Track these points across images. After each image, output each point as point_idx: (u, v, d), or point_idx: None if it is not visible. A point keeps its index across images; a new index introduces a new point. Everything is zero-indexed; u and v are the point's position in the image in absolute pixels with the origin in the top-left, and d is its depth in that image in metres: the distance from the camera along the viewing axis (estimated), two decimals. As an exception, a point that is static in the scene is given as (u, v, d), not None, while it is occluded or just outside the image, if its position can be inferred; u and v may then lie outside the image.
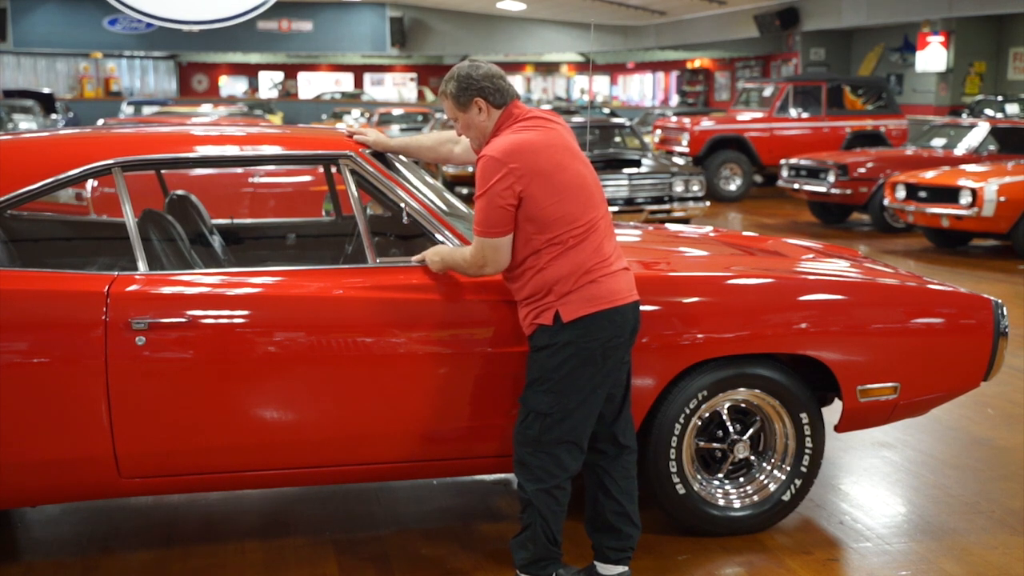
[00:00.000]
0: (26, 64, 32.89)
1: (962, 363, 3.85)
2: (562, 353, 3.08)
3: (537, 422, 3.13)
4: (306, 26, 32.27)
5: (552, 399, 3.11)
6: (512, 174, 3.03)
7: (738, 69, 28.68)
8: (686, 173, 11.04)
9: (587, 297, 3.07)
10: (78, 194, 6.80)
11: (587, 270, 3.08)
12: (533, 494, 3.15)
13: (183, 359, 3.22)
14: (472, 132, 3.23)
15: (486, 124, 3.19)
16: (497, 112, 3.18)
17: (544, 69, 38.98)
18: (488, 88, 3.16)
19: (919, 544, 3.73)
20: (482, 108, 3.17)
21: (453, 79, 3.18)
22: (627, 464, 3.30)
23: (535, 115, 3.20)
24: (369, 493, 4.15)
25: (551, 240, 3.07)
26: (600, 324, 3.08)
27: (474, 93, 3.15)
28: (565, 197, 3.08)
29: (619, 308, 3.11)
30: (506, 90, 3.19)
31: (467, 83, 3.15)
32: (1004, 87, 19.89)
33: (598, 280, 3.09)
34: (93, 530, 3.83)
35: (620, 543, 3.28)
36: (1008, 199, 9.61)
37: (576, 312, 3.07)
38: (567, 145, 3.17)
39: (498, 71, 3.21)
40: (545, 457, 3.13)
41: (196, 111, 17.52)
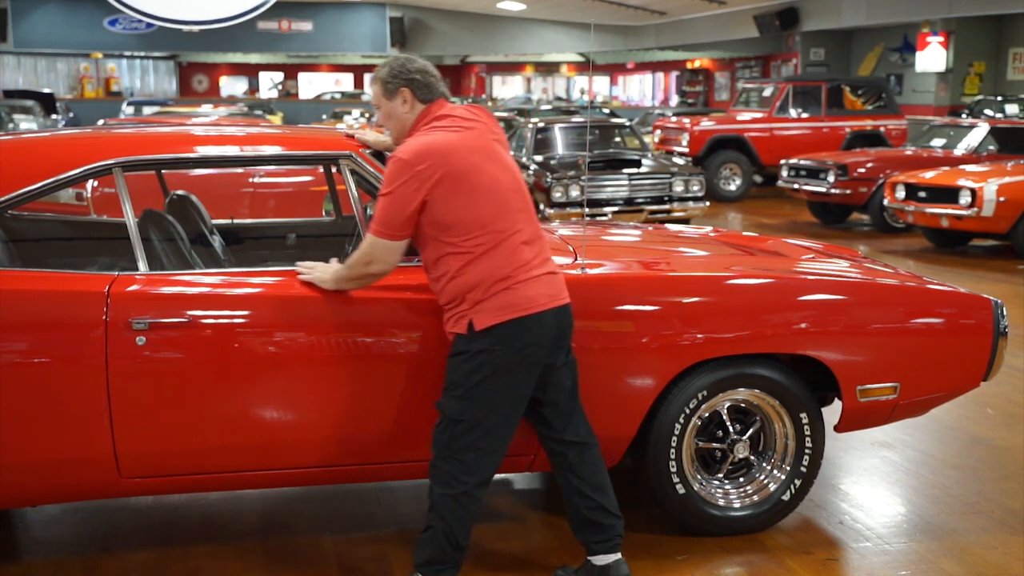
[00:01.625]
0: (26, 64, 32.88)
1: (962, 363, 3.86)
2: (475, 361, 3.03)
3: (448, 427, 3.08)
4: (306, 26, 32.25)
5: (463, 406, 3.06)
6: (418, 177, 2.99)
7: (738, 69, 28.67)
8: (686, 173, 11.05)
9: (500, 305, 3.01)
10: (78, 194, 6.80)
11: (501, 277, 3.02)
12: (439, 497, 3.10)
13: (183, 359, 3.22)
14: (392, 123, 3.22)
15: (407, 117, 3.17)
16: (420, 107, 3.16)
17: (544, 69, 38.96)
18: (418, 81, 3.15)
19: (919, 544, 3.73)
20: (407, 100, 3.15)
21: (387, 66, 3.19)
22: (590, 459, 3.27)
23: (455, 115, 3.14)
24: (369, 493, 4.15)
25: (461, 246, 3.02)
26: (514, 333, 3.02)
27: (402, 83, 3.14)
28: (476, 202, 3.02)
29: (536, 316, 3.04)
30: (434, 87, 3.17)
31: (399, 71, 3.15)
32: (1004, 87, 19.89)
33: (512, 288, 3.02)
34: (93, 530, 3.84)
35: (603, 535, 3.27)
36: (1007, 199, 9.61)
37: (489, 320, 3.01)
38: (484, 147, 3.11)
39: (432, 69, 3.20)
40: (454, 462, 3.09)
41: (196, 111, 17.51)
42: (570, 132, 12.22)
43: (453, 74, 40.35)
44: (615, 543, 3.29)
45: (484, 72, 38.61)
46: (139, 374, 3.19)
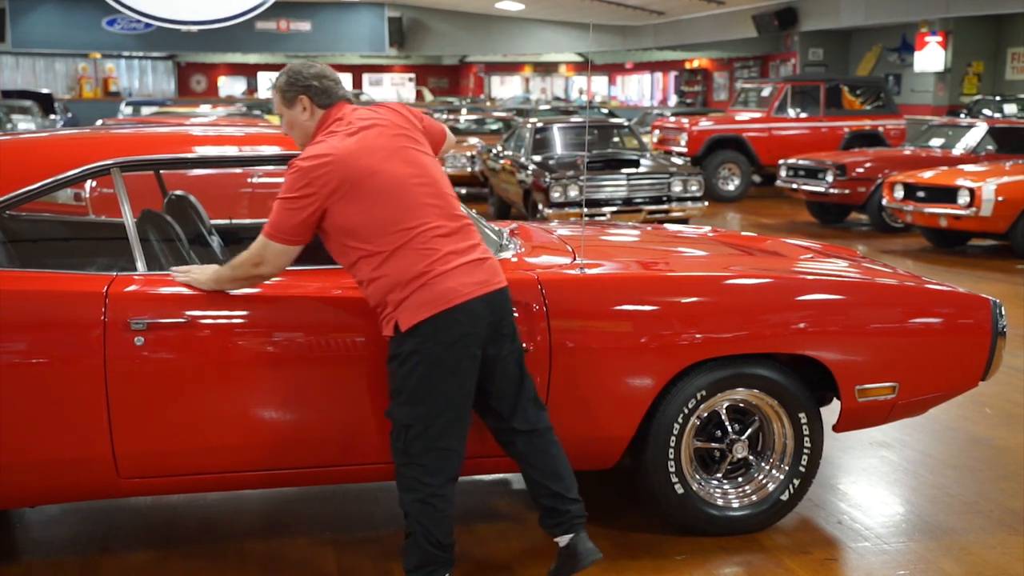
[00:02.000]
0: (25, 64, 32.86)
1: (960, 363, 3.86)
2: (409, 363, 3.01)
3: (402, 434, 3.06)
4: (305, 26, 32.24)
5: (410, 410, 3.04)
6: (312, 186, 2.98)
7: (736, 69, 28.68)
8: (684, 173, 11.05)
9: (420, 302, 2.98)
10: (77, 194, 6.80)
11: (417, 274, 2.98)
12: (409, 504, 3.09)
13: (182, 359, 3.22)
14: (296, 132, 3.19)
15: (308, 124, 3.15)
16: (320, 112, 3.13)
17: (543, 69, 38.95)
18: (315, 87, 3.12)
19: (917, 544, 3.73)
20: (306, 107, 3.13)
21: (284, 74, 3.16)
22: (541, 446, 3.22)
23: (354, 116, 3.12)
24: (369, 493, 4.15)
25: (370, 249, 3.01)
26: (440, 327, 2.98)
27: (300, 90, 3.12)
28: (376, 203, 3.00)
29: (460, 306, 2.99)
30: (332, 91, 3.14)
31: (295, 79, 3.13)
32: (1002, 87, 19.89)
33: (429, 283, 2.98)
34: (93, 530, 3.84)
35: (557, 519, 3.23)
36: (1006, 199, 9.62)
37: (412, 319, 2.98)
38: (383, 146, 3.06)
39: (331, 73, 3.17)
40: (414, 467, 3.07)
41: (195, 111, 17.51)
42: (569, 132, 12.23)
43: (452, 74, 40.35)
44: (572, 524, 3.23)
45: (483, 72, 38.60)
46: (137, 374, 3.19)
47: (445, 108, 21.20)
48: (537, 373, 3.39)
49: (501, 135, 15.64)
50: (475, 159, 14.32)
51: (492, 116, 18.52)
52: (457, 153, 14.72)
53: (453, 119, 17.92)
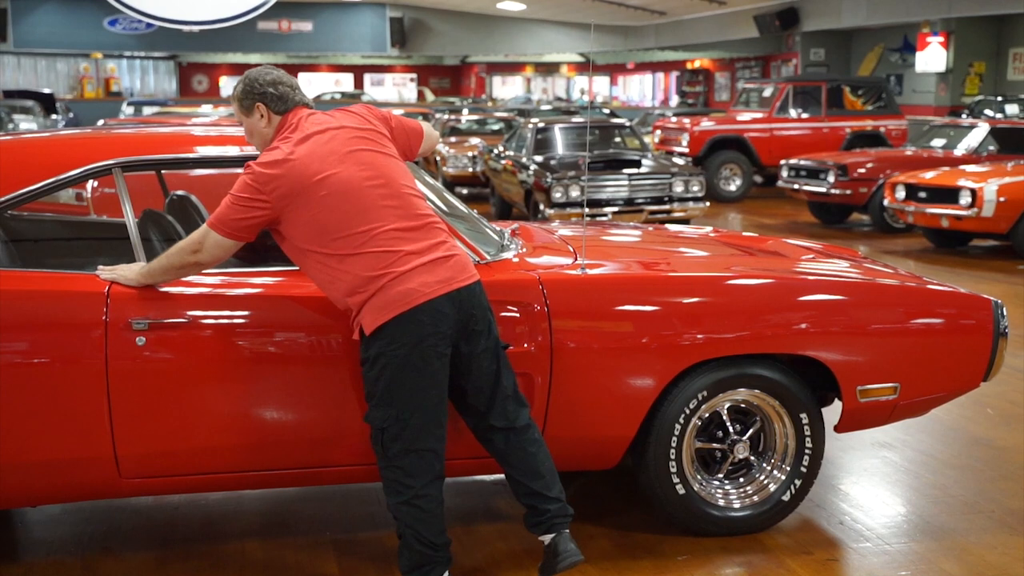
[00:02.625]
0: (26, 64, 32.89)
1: (962, 363, 3.85)
2: (376, 365, 3.01)
3: (379, 437, 3.06)
4: (306, 26, 32.28)
5: (383, 412, 3.03)
6: (260, 192, 3.00)
7: (738, 69, 28.68)
8: (686, 173, 11.05)
9: (380, 305, 2.97)
10: (78, 194, 6.80)
11: (375, 276, 2.97)
12: (395, 508, 3.09)
13: (183, 359, 3.22)
14: (255, 139, 3.21)
15: (266, 131, 3.16)
16: (277, 119, 3.14)
17: (544, 69, 38.97)
18: (270, 94, 3.12)
19: (919, 544, 3.73)
20: (263, 114, 3.14)
21: (241, 82, 3.17)
22: (518, 444, 3.20)
23: (309, 123, 3.11)
24: (369, 493, 4.15)
25: (327, 254, 3.00)
26: (403, 329, 2.96)
27: (256, 98, 3.13)
28: (330, 207, 2.99)
29: (422, 306, 2.96)
30: (288, 97, 3.14)
31: (251, 87, 3.14)
32: (1004, 87, 19.89)
33: (386, 285, 2.96)
34: (93, 530, 3.84)
35: (537, 518, 3.22)
36: (1008, 199, 9.61)
37: (375, 322, 2.97)
38: (334, 150, 3.05)
39: (287, 79, 3.18)
40: (394, 470, 3.06)
41: (196, 111, 17.52)
42: (570, 132, 12.23)
43: (453, 74, 40.37)
44: (553, 523, 3.21)
45: (484, 72, 38.63)
46: (139, 374, 3.19)
47: (446, 108, 21.22)
48: (538, 373, 3.39)
49: (502, 135, 15.65)
50: (476, 159, 14.32)
51: (493, 116, 18.52)
52: (459, 153, 14.73)
53: (455, 119, 17.92)
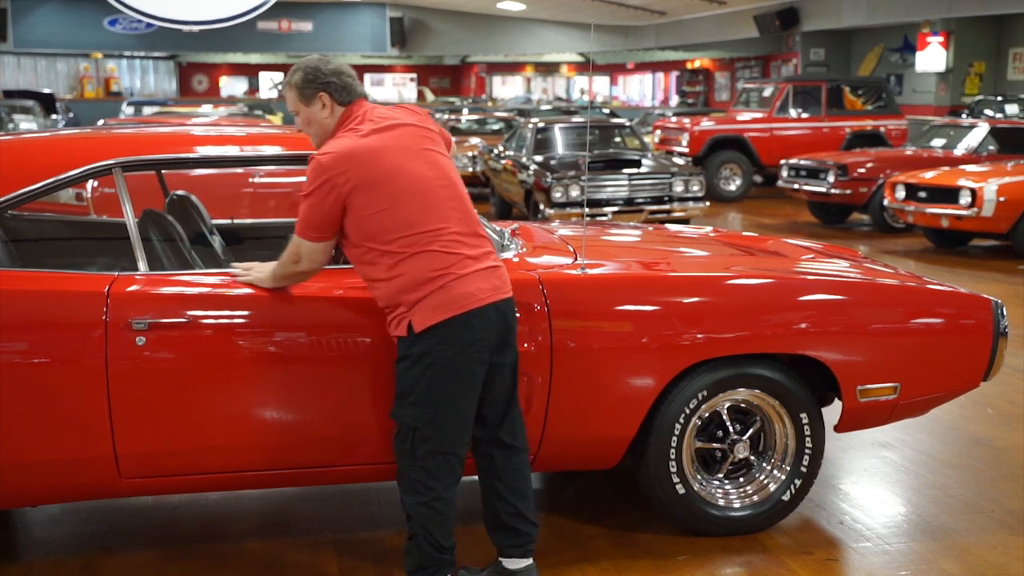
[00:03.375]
0: (26, 64, 32.88)
1: (962, 363, 3.85)
2: (420, 364, 2.98)
3: (409, 436, 3.04)
4: (306, 26, 32.26)
5: (418, 412, 3.01)
6: (332, 182, 2.95)
7: (738, 69, 28.67)
8: (686, 173, 11.05)
9: (437, 304, 2.96)
10: (78, 194, 6.81)
11: (435, 276, 2.96)
12: (411, 507, 3.08)
13: (183, 359, 3.22)
14: (313, 129, 3.13)
15: (328, 122, 3.10)
16: (340, 109, 3.09)
17: (544, 69, 38.96)
18: (335, 84, 3.07)
19: (919, 544, 3.73)
20: (326, 104, 3.08)
21: (300, 70, 3.09)
22: (517, 465, 3.21)
23: (376, 116, 3.09)
24: (369, 493, 4.15)
25: (390, 248, 2.98)
26: (454, 331, 2.97)
27: (319, 87, 3.06)
28: (399, 203, 2.98)
29: (475, 312, 2.98)
30: (352, 88, 3.10)
31: (313, 76, 3.06)
32: (1004, 87, 19.88)
33: (447, 285, 2.96)
34: (93, 530, 3.84)
35: (518, 540, 3.22)
36: (1008, 199, 9.61)
37: (427, 321, 2.96)
38: (407, 146, 3.05)
39: (348, 68, 3.13)
40: (419, 470, 3.05)
41: (196, 111, 17.52)
42: (570, 132, 12.23)
43: (453, 74, 40.36)
44: (529, 549, 3.24)
45: (484, 72, 38.62)
46: (139, 374, 3.19)
47: (447, 108, 21.21)
48: (538, 373, 3.39)
49: (502, 135, 15.65)
50: (476, 159, 14.33)
51: (493, 116, 18.53)
52: (459, 153, 14.73)
53: (455, 119, 17.92)
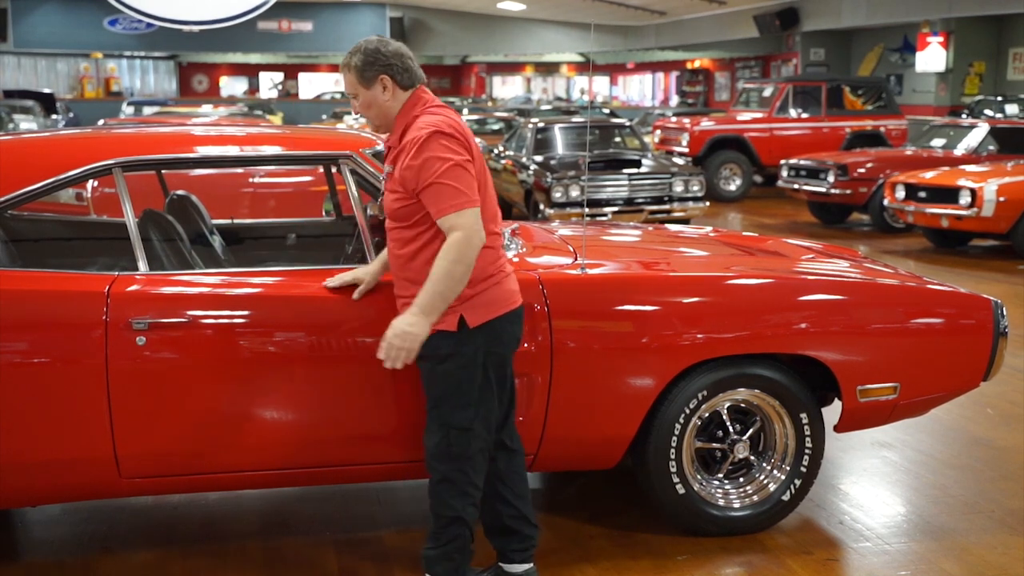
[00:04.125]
0: (26, 64, 32.89)
1: (962, 363, 3.85)
2: (474, 362, 2.96)
3: (460, 438, 3.00)
4: (306, 26, 32.27)
5: (472, 412, 2.99)
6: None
7: (738, 69, 28.68)
8: (686, 173, 11.05)
9: (491, 300, 2.96)
10: (78, 194, 6.80)
11: (491, 273, 2.98)
12: (460, 510, 3.04)
13: (183, 359, 3.22)
14: (372, 112, 3.04)
15: (390, 105, 3.01)
16: (403, 94, 3.01)
17: (544, 69, 38.97)
18: (396, 66, 2.98)
19: (919, 544, 3.73)
20: (387, 87, 2.99)
21: (360, 52, 2.99)
22: (518, 467, 3.23)
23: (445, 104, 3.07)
24: (369, 493, 4.15)
25: None
26: (505, 328, 2.99)
27: (380, 69, 2.97)
28: (486, 192, 2.99)
29: (518, 309, 3.04)
30: (414, 72, 3.02)
31: (374, 57, 2.97)
32: (1004, 87, 19.89)
33: (501, 282, 3.00)
34: (93, 530, 3.84)
35: (522, 544, 3.22)
36: (1007, 199, 9.61)
37: (484, 316, 2.94)
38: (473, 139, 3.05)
39: (408, 51, 3.04)
40: (469, 471, 3.03)
41: (196, 111, 17.52)
42: (570, 132, 12.24)
43: (453, 74, 40.36)
44: (531, 553, 3.25)
45: (484, 72, 38.62)
46: (139, 374, 3.19)
47: (446, 108, 21.17)
48: (538, 373, 3.39)
49: (502, 135, 15.65)
50: (476, 159, 14.29)
51: (493, 116, 18.53)
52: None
53: (454, 119, 17.90)
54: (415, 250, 2.98)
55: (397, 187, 2.96)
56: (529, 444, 3.46)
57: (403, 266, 3.02)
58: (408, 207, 2.95)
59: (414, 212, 2.95)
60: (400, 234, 3.01)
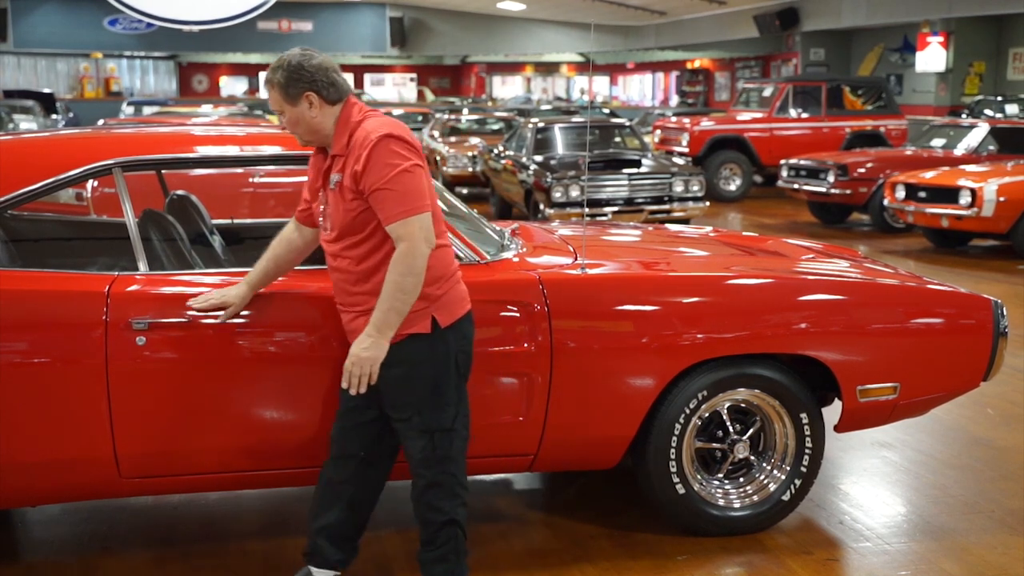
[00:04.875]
0: (26, 64, 32.88)
1: (962, 363, 3.85)
2: (448, 360, 2.95)
3: (443, 439, 2.97)
4: (306, 26, 32.27)
5: (454, 410, 2.98)
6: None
7: (738, 69, 28.67)
8: (686, 173, 11.05)
9: (457, 298, 2.97)
10: (78, 194, 6.80)
11: (454, 269, 3.00)
12: (452, 511, 3.02)
13: (183, 359, 3.22)
14: (300, 128, 2.95)
15: (318, 121, 2.92)
16: (331, 108, 2.92)
17: (544, 69, 38.96)
18: (322, 82, 2.89)
19: (919, 544, 3.73)
20: (313, 103, 2.90)
21: (282, 68, 2.89)
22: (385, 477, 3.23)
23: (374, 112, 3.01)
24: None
25: None
26: (468, 327, 3.01)
27: (305, 86, 2.88)
28: (434, 197, 2.96)
29: (470, 310, 3.04)
30: (340, 85, 2.93)
31: (298, 74, 2.87)
32: (1004, 87, 19.89)
33: (459, 281, 3.01)
34: (93, 530, 3.84)
35: (347, 556, 3.22)
36: (1007, 199, 9.61)
37: (453, 315, 2.94)
38: None
39: (333, 63, 2.95)
40: (456, 471, 3.02)
41: (196, 111, 17.52)
42: (570, 132, 12.23)
43: (453, 74, 40.36)
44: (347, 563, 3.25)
45: (484, 72, 38.62)
46: (139, 374, 3.19)
47: (446, 108, 21.22)
48: (538, 373, 3.39)
49: (502, 135, 15.64)
50: (476, 159, 14.32)
51: (493, 116, 18.53)
52: (459, 153, 14.74)
53: (455, 119, 17.93)
54: (377, 263, 2.91)
55: (349, 195, 2.89)
56: (529, 444, 3.46)
57: (357, 282, 2.96)
58: (363, 214, 2.88)
59: (369, 220, 2.89)
60: (354, 251, 2.94)
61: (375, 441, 3.11)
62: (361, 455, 3.12)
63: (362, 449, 3.11)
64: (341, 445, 3.12)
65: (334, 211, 2.95)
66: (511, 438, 3.45)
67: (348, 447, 3.11)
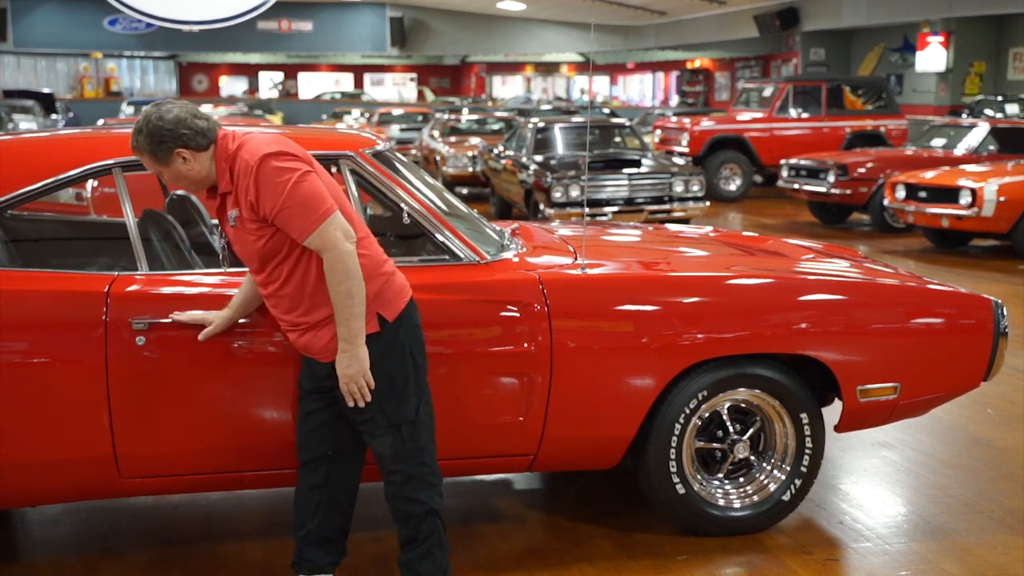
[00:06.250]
0: (26, 64, 32.90)
1: (962, 363, 3.85)
2: (403, 353, 2.95)
3: (411, 431, 2.99)
4: (306, 26, 32.29)
5: (415, 400, 2.98)
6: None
7: (738, 69, 28.68)
8: (686, 173, 11.05)
9: (397, 289, 2.97)
10: (78, 194, 6.80)
11: (384, 261, 2.97)
12: (431, 501, 3.03)
13: (183, 359, 3.22)
14: (184, 183, 2.92)
15: (196, 171, 2.87)
16: (205, 153, 2.86)
17: (544, 69, 38.98)
18: (187, 135, 2.82)
19: (919, 544, 3.73)
20: (187, 157, 2.84)
21: (143, 133, 2.83)
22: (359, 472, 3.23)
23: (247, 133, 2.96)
24: (369, 493, 4.13)
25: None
26: (413, 314, 3.01)
27: (171, 144, 2.82)
28: (338, 197, 2.92)
29: (412, 297, 3.04)
30: (206, 128, 2.86)
31: (160, 136, 2.81)
32: (1004, 87, 19.89)
33: (395, 271, 3.00)
34: (93, 530, 3.84)
35: (336, 558, 3.21)
36: (1008, 199, 9.61)
37: (397, 307, 2.94)
38: None
39: (191, 108, 2.87)
40: (428, 460, 3.03)
41: (196, 111, 17.47)
42: (570, 132, 12.24)
43: (453, 74, 40.38)
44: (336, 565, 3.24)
45: (484, 72, 38.64)
46: (139, 374, 3.19)
47: (446, 108, 21.22)
48: (538, 373, 3.39)
49: (502, 135, 15.65)
50: (477, 159, 14.32)
51: (493, 116, 18.54)
52: (459, 153, 14.74)
53: (455, 119, 17.93)
54: (300, 280, 2.90)
55: (252, 225, 2.85)
56: (529, 444, 3.46)
57: (290, 310, 2.96)
58: (274, 239, 2.85)
59: (281, 242, 2.86)
60: (276, 274, 2.92)
61: (338, 438, 3.11)
62: (329, 454, 3.12)
63: (329, 448, 3.12)
64: (307, 450, 3.13)
65: (243, 246, 2.94)
66: (511, 438, 3.45)
67: (314, 449, 3.12)
